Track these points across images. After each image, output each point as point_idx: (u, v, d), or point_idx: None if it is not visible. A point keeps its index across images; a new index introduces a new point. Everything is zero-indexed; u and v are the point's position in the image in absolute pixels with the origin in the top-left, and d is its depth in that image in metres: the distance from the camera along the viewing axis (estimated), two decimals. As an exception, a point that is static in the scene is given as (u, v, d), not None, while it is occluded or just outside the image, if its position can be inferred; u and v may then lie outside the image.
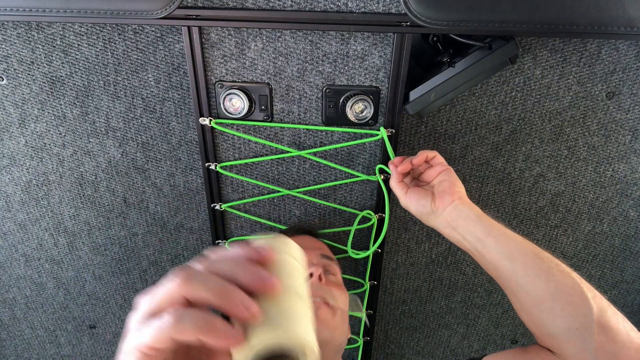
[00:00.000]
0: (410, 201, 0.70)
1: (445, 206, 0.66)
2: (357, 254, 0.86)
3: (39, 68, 0.76)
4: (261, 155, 0.82)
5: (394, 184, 0.73)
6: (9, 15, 0.66)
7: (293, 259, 0.34)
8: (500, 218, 0.91)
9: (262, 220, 0.90)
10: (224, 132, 0.80)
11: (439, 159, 0.71)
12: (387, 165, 0.79)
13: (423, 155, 0.71)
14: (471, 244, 0.64)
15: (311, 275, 0.71)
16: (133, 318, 0.30)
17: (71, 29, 0.73)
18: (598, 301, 0.55)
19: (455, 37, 0.69)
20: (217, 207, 0.88)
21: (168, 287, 0.28)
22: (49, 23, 0.72)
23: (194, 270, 0.29)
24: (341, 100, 0.75)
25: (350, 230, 0.90)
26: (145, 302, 0.30)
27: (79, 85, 0.78)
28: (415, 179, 0.74)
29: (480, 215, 0.65)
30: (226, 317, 0.28)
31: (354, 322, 1.06)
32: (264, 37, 0.71)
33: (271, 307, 0.29)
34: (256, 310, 0.28)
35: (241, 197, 0.88)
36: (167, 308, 0.28)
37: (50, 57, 0.75)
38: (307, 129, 0.79)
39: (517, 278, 0.59)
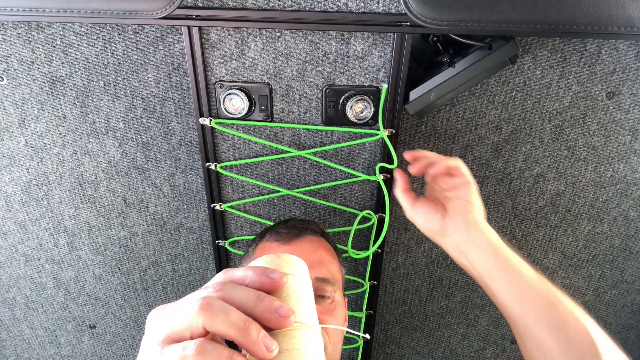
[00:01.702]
0: (418, 215, 0.64)
1: (457, 229, 0.59)
2: (358, 254, 0.86)
3: (39, 68, 0.76)
4: (261, 155, 0.82)
5: (399, 192, 0.67)
6: (9, 15, 0.66)
7: (301, 280, 0.34)
8: (500, 218, 0.91)
9: (262, 220, 0.90)
10: (224, 132, 0.80)
11: (461, 169, 0.61)
12: (387, 164, 0.79)
13: (443, 164, 0.61)
14: (480, 274, 0.58)
15: None
16: (151, 338, 0.30)
17: (71, 29, 0.73)
18: None
19: (455, 37, 0.69)
20: (217, 207, 0.88)
21: (189, 315, 0.29)
22: (49, 23, 0.72)
23: (214, 299, 0.29)
24: (341, 100, 0.75)
25: (349, 231, 0.90)
26: (164, 324, 0.30)
27: (79, 85, 0.78)
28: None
29: (495, 245, 0.57)
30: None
31: (354, 322, 1.06)
32: (264, 37, 0.71)
33: (284, 341, 0.30)
34: (275, 351, 0.28)
35: (241, 197, 0.88)
36: (187, 337, 0.29)
37: (50, 57, 0.75)
38: (307, 129, 0.79)
39: (525, 323, 0.53)
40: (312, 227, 0.75)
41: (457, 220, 0.60)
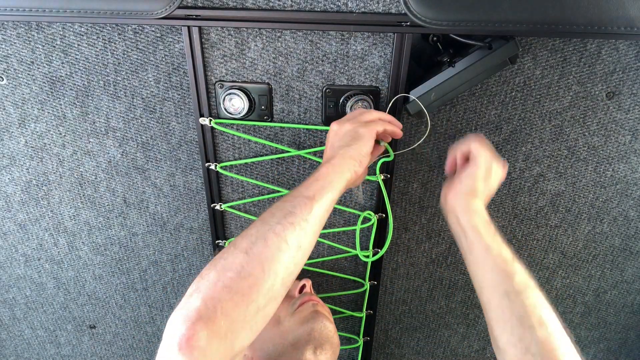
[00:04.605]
0: (446, 190, 0.69)
1: (452, 205, 0.66)
2: (367, 257, 0.85)
3: (39, 68, 0.76)
4: (261, 155, 0.82)
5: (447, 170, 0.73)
6: (9, 15, 0.66)
7: None
8: (500, 218, 0.91)
9: (262, 220, 0.90)
10: (224, 132, 0.80)
11: (473, 152, 0.66)
12: (386, 166, 0.79)
13: (451, 157, 0.69)
14: (462, 252, 0.66)
15: (304, 285, 0.84)
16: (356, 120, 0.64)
17: (71, 29, 0.73)
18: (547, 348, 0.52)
19: (455, 37, 0.69)
20: (217, 207, 0.88)
21: (372, 114, 0.65)
22: (49, 23, 0.72)
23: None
24: (341, 100, 0.75)
25: (349, 231, 0.90)
26: (360, 115, 0.65)
27: (79, 85, 0.78)
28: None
29: (468, 226, 0.63)
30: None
31: (354, 322, 1.06)
32: (264, 37, 0.71)
33: None
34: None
35: (241, 197, 0.88)
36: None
37: (50, 57, 0.75)
38: (307, 129, 0.79)
39: (483, 310, 0.60)
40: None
41: (452, 201, 0.65)
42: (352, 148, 0.61)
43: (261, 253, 0.49)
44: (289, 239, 0.51)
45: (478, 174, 0.65)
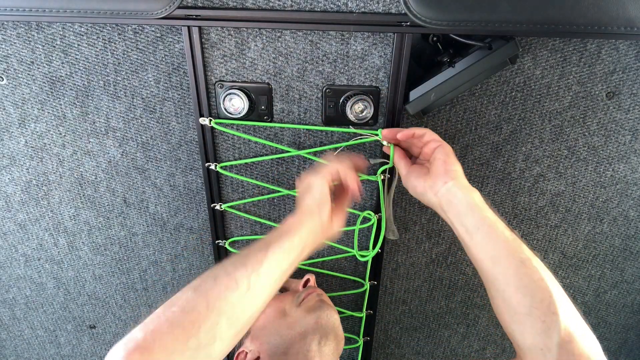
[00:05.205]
0: (409, 179, 0.69)
1: (439, 188, 0.64)
2: (363, 256, 0.86)
3: (39, 68, 0.76)
4: (261, 155, 0.82)
5: (397, 159, 0.72)
6: (9, 15, 0.66)
7: None
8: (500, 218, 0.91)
9: (262, 220, 0.90)
10: (224, 132, 0.80)
11: (429, 135, 0.67)
12: (387, 165, 0.79)
13: (410, 132, 0.68)
14: (460, 233, 0.63)
15: (308, 280, 0.85)
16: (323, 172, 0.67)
17: (71, 29, 0.73)
18: (570, 324, 0.54)
19: (455, 37, 0.69)
20: (217, 207, 0.88)
21: (335, 166, 0.68)
22: (49, 23, 0.72)
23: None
24: (341, 100, 0.75)
25: (349, 231, 0.90)
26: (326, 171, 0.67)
27: (79, 85, 0.78)
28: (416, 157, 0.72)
29: (473, 204, 0.62)
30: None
31: (354, 322, 1.06)
32: (264, 37, 0.71)
33: None
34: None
35: (241, 197, 0.88)
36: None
37: (50, 57, 0.75)
38: (307, 129, 0.79)
39: (496, 282, 0.59)
40: None
41: (437, 180, 0.64)
42: (306, 199, 0.65)
43: (208, 290, 0.50)
44: (239, 279, 0.52)
45: (450, 154, 0.65)
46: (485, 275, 0.61)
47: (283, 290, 0.85)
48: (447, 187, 0.63)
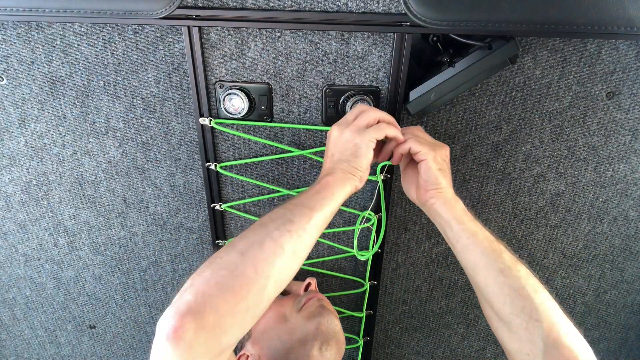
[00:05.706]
0: (403, 183, 0.71)
1: (424, 200, 0.67)
2: (362, 255, 0.86)
3: (39, 68, 0.76)
4: (261, 155, 0.82)
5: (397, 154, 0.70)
6: (9, 15, 0.66)
7: None
8: (500, 218, 0.91)
9: (262, 220, 0.90)
10: (224, 132, 0.80)
11: (414, 147, 0.65)
12: (387, 166, 0.79)
13: (391, 145, 0.67)
14: (446, 240, 0.67)
15: (309, 284, 0.85)
16: (352, 125, 0.63)
17: (71, 29, 0.73)
18: (555, 331, 0.55)
19: (455, 37, 0.69)
20: (217, 207, 0.88)
21: (371, 115, 0.63)
22: (49, 23, 0.72)
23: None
24: (341, 100, 0.75)
25: (350, 230, 0.90)
26: (360, 118, 0.63)
27: (79, 85, 0.78)
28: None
29: (453, 217, 0.64)
30: None
31: (354, 322, 1.06)
32: (264, 37, 0.71)
33: None
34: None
35: (241, 197, 0.88)
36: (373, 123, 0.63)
37: (50, 57, 0.75)
38: (307, 129, 0.79)
39: (479, 290, 0.63)
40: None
41: (422, 193, 0.67)
42: (352, 164, 0.62)
43: (256, 256, 0.51)
44: (285, 245, 0.53)
45: (432, 169, 0.65)
46: (471, 282, 0.65)
47: (284, 292, 0.85)
48: (430, 202, 0.66)
